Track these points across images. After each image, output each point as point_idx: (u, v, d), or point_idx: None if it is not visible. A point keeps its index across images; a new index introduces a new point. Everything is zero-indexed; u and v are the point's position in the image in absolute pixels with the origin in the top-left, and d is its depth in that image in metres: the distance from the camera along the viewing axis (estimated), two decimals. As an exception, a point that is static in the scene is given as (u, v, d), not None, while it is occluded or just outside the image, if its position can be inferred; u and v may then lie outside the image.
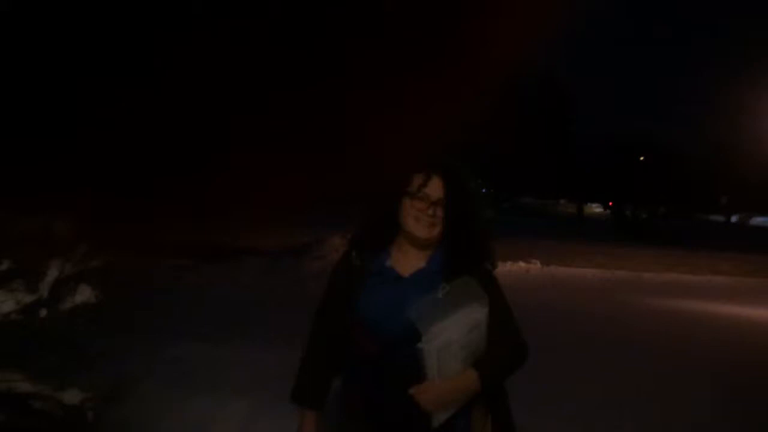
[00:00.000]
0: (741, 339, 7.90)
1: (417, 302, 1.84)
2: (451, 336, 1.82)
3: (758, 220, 47.25)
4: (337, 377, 2.07)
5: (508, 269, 14.07)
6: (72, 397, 2.94)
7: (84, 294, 3.00)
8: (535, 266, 14.69)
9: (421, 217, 1.94)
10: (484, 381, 1.88)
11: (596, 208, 49.78)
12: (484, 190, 2.08)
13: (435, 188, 1.95)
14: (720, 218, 48.54)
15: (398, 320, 1.86)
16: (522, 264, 14.62)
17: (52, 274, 3.27)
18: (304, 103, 2.39)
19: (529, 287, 11.18)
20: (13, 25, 2.48)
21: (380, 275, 1.96)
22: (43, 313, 3.35)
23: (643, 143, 44.26)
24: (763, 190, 41.55)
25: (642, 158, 44.06)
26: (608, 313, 9.24)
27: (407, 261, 1.98)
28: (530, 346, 2.01)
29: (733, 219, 48.26)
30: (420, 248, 1.98)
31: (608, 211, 45.99)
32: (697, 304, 10.92)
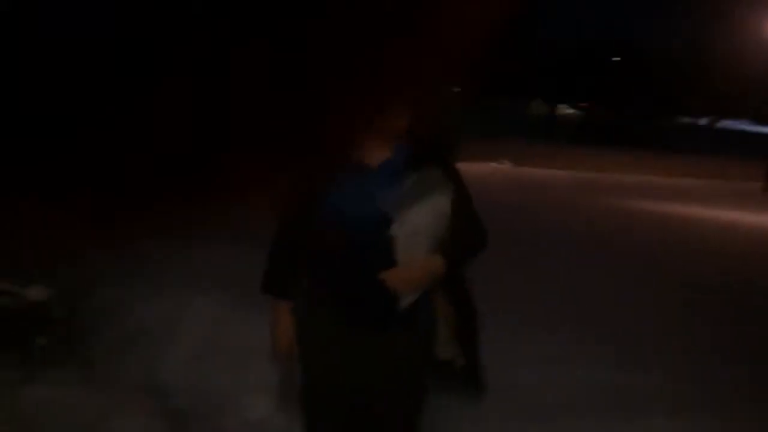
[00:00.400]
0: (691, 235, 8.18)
1: (387, 191, 1.92)
2: (419, 223, 1.92)
3: (726, 123, 47.81)
4: (303, 271, 2.10)
5: (479, 168, 14.18)
6: (37, 293, 2.93)
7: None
8: (506, 166, 14.82)
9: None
10: (448, 264, 1.98)
11: (567, 110, 49.67)
12: (455, 90, 2.13)
13: None
14: (689, 120, 48.94)
15: (369, 210, 1.93)
16: (493, 164, 14.73)
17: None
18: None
19: (498, 188, 11.31)
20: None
21: (348, 167, 1.99)
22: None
23: (616, 43, 43.76)
24: (731, 93, 41.74)
25: (616, 59, 43.67)
26: (571, 213, 9.45)
27: (373, 153, 2.00)
28: (490, 242, 2.09)
29: (703, 122, 48.72)
30: (386, 139, 1.99)
31: (580, 112, 46.00)
32: (660, 205, 11.19)
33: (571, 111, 48.70)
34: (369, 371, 2.04)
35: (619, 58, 43.85)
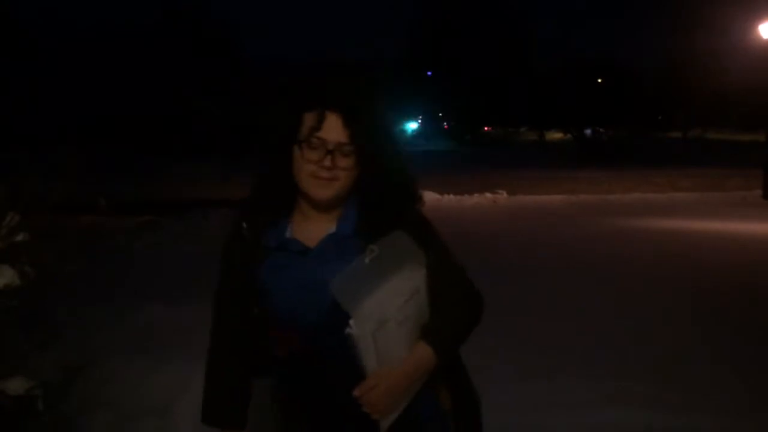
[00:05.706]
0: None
1: (338, 275, 1.42)
2: (386, 312, 1.44)
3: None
4: (255, 378, 1.66)
5: (476, 201, 14.00)
6: (17, 386, 2.61)
7: (5, 276, 2.61)
8: (502, 196, 14.63)
9: (317, 171, 1.49)
10: (440, 353, 1.49)
11: (557, 134, 49.98)
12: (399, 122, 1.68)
13: (332, 130, 1.48)
14: (677, 135, 49.24)
15: (314, 303, 1.47)
16: (489, 195, 14.55)
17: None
18: None
19: (497, 218, 11.11)
20: None
21: (281, 250, 1.53)
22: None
23: (600, 65, 44.30)
24: (717, 104, 42.14)
25: (599, 80, 44.12)
26: (570, 236, 9.22)
27: (311, 228, 1.55)
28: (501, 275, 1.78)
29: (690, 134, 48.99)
30: (324, 211, 1.55)
31: (569, 136, 46.25)
32: (654, 221, 10.95)
33: (559, 135, 48.97)
34: None
35: (600, 80, 44.34)
